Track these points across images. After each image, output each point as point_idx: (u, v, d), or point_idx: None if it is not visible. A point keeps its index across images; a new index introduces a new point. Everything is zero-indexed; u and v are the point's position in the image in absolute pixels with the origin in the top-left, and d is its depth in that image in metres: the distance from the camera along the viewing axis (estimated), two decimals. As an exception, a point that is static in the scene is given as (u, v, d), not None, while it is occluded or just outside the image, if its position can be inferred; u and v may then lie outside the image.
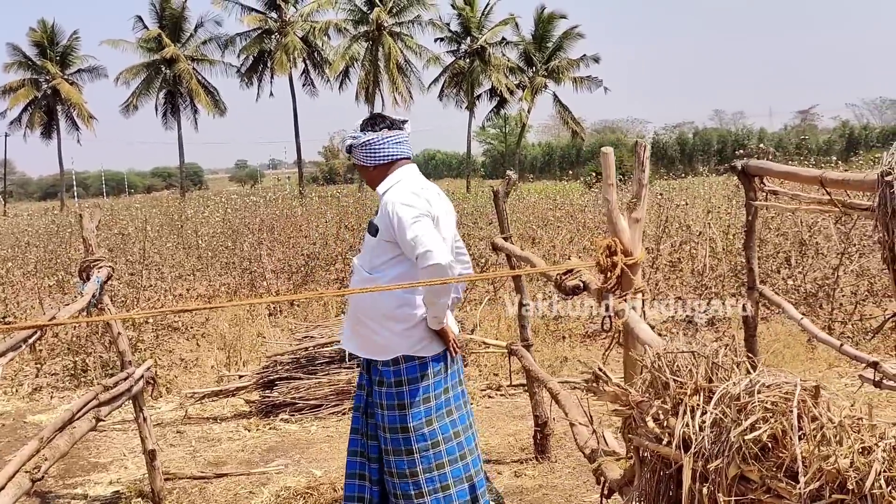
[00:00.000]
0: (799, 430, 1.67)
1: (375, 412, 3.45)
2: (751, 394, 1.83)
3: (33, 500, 4.99)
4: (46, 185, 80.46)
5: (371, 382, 3.48)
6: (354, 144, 3.48)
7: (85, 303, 4.25)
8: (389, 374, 3.39)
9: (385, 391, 3.39)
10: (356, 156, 3.51)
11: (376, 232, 3.42)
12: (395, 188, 3.44)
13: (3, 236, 17.80)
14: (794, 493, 1.61)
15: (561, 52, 46.87)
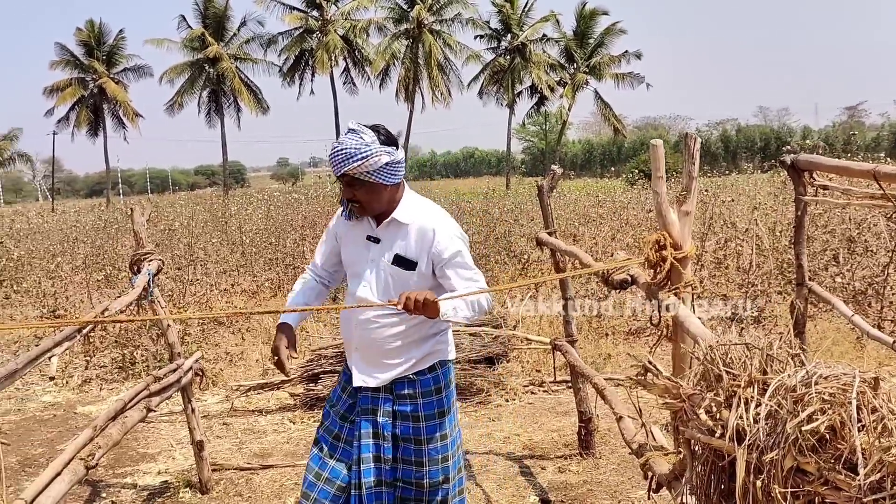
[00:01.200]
0: (858, 422, 1.65)
1: (405, 427, 3.12)
2: (808, 385, 1.81)
3: (85, 488, 5.09)
4: (92, 183, 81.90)
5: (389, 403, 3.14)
6: (391, 161, 2.97)
7: (136, 295, 4.33)
8: (429, 382, 3.16)
9: (424, 402, 3.14)
10: (380, 175, 2.94)
11: (413, 266, 3.04)
12: (429, 211, 3.10)
13: (52, 232, 18.13)
14: (853, 485, 1.60)
15: (602, 48, 46.54)
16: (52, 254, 13.76)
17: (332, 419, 3.22)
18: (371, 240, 3.09)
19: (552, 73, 46.75)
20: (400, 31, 45.13)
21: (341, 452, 3.16)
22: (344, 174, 2.92)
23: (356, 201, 3.02)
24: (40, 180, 72.60)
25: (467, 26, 45.98)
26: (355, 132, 2.94)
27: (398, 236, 3.06)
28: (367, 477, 3.09)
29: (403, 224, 3.05)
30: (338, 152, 2.91)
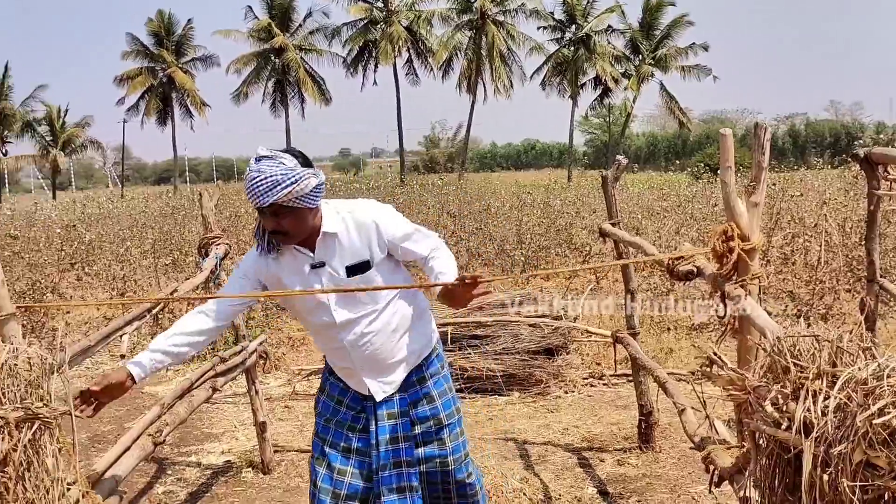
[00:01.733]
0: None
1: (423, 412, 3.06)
2: (879, 378, 1.78)
3: (151, 465, 5.23)
4: (160, 170, 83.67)
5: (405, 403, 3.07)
6: (319, 184, 2.76)
7: (204, 277, 4.44)
8: (434, 362, 3.15)
9: (434, 381, 3.11)
10: (308, 199, 2.73)
11: (368, 265, 2.91)
12: (347, 209, 2.94)
13: (121, 217, 18.60)
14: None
15: (669, 39, 45.82)
16: (121, 238, 14.12)
17: (336, 432, 3.06)
18: (315, 267, 2.89)
19: (617, 65, 46.21)
20: (463, 22, 45.07)
21: (356, 465, 3.03)
22: (271, 204, 2.66)
23: (281, 232, 2.78)
24: (110, 167, 74.41)
25: (531, 17, 45.70)
26: (271, 158, 2.70)
27: (335, 249, 2.89)
28: (390, 484, 3.01)
29: (334, 234, 2.87)
30: (261, 181, 2.65)
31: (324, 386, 3.15)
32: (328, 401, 3.11)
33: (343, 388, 3.07)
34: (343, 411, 3.07)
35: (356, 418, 3.05)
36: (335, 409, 3.08)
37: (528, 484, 4.53)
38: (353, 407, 3.06)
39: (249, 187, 2.68)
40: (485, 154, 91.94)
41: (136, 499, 4.71)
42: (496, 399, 6.25)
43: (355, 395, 3.05)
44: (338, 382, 3.09)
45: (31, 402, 2.38)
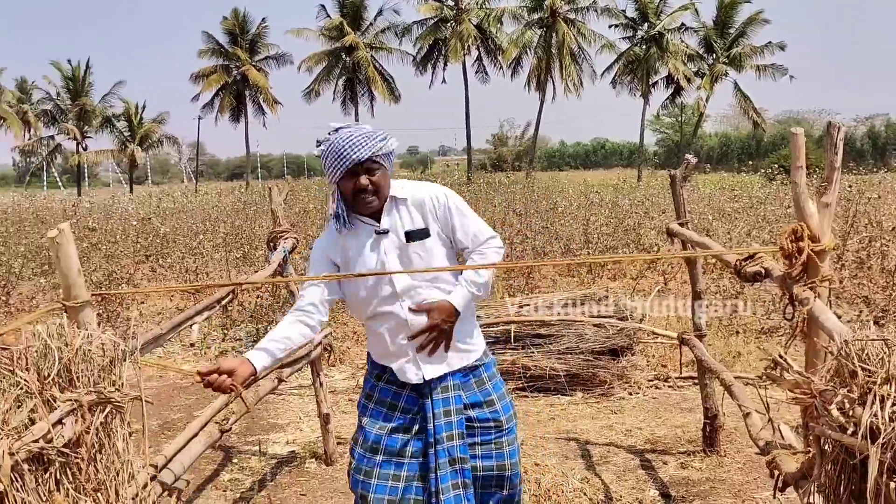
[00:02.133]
0: None
1: (483, 414, 3.06)
2: (951, 384, 1.73)
3: (218, 453, 5.35)
4: (233, 167, 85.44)
5: (459, 400, 3.06)
6: (394, 149, 2.95)
7: (272, 270, 4.53)
8: (490, 365, 3.17)
9: (493, 384, 3.12)
10: (390, 159, 2.92)
11: (427, 233, 2.97)
12: (412, 183, 3.08)
13: (195, 212, 19.01)
14: None
15: (743, 38, 44.85)
16: (194, 232, 14.43)
17: (391, 438, 3.02)
18: (380, 234, 2.96)
19: (689, 64, 45.45)
20: (534, 20, 44.87)
21: (409, 468, 3.02)
22: (367, 158, 2.81)
23: (372, 190, 2.88)
24: (185, 163, 76.24)
25: (602, 15, 45.28)
26: (349, 126, 2.89)
27: (399, 216, 2.97)
28: (446, 482, 2.99)
29: (401, 200, 2.98)
30: (357, 136, 2.82)
31: (371, 394, 3.11)
32: (379, 408, 3.07)
33: (395, 391, 3.05)
34: (398, 416, 3.04)
35: (413, 420, 3.03)
36: (388, 415, 3.05)
37: (588, 484, 4.50)
38: (409, 409, 3.04)
39: (344, 145, 2.80)
40: (553, 153, 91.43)
41: (202, 485, 4.82)
42: (559, 398, 6.22)
43: (410, 395, 3.03)
44: (389, 386, 3.06)
45: (103, 386, 2.46)
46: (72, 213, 14.74)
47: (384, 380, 3.07)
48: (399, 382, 3.04)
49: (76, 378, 2.40)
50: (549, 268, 11.61)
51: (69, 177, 56.32)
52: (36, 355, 2.27)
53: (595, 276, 11.22)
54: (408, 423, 3.03)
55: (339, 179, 2.86)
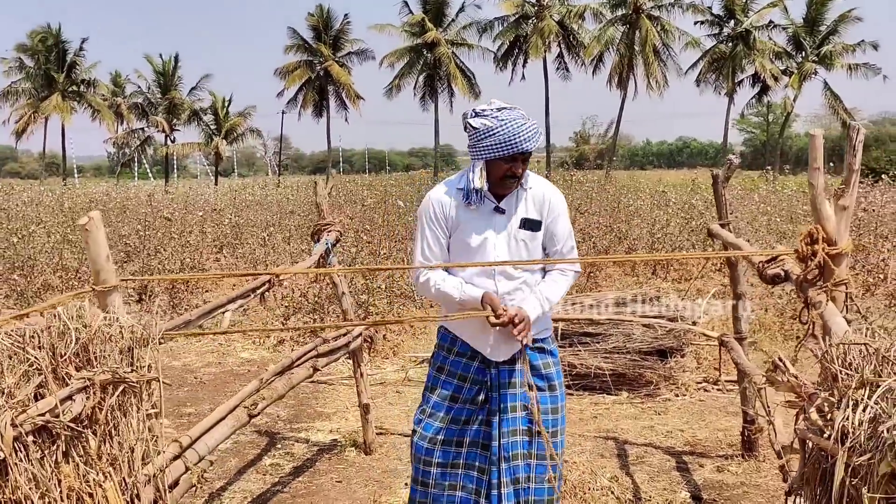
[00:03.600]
0: (955, 431, 1.55)
1: (543, 398, 3.22)
2: (911, 389, 1.72)
3: (263, 438, 5.53)
4: (317, 161, 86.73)
5: (521, 375, 3.22)
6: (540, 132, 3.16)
7: (313, 261, 4.65)
8: (555, 352, 3.35)
9: (556, 370, 3.30)
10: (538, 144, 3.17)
11: (539, 225, 3.22)
12: (538, 178, 3.31)
13: (272, 205, 19.44)
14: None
15: (835, 35, 43.42)
16: (266, 223, 14.79)
17: (457, 408, 3.24)
18: (497, 211, 3.17)
19: (777, 62, 44.22)
20: (616, 17, 44.33)
21: (473, 434, 3.24)
22: (526, 150, 3.04)
23: (520, 175, 3.11)
24: (270, 156, 77.83)
25: (688, 12, 44.42)
26: (512, 109, 3.08)
27: (520, 203, 3.19)
28: (508, 451, 3.18)
29: (525, 190, 3.20)
30: (528, 126, 3.04)
31: (443, 366, 3.31)
32: (450, 379, 3.27)
33: (466, 363, 3.24)
34: (467, 387, 3.23)
35: (480, 390, 3.23)
36: (459, 385, 3.25)
37: (617, 483, 4.50)
38: (478, 380, 3.22)
39: (518, 131, 3.01)
40: (636, 151, 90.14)
41: (244, 468, 4.99)
42: (604, 398, 6.20)
43: (479, 366, 3.22)
44: (460, 359, 3.26)
45: (121, 367, 2.59)
46: (150, 203, 15.21)
47: (454, 352, 3.28)
48: (470, 354, 3.25)
49: (94, 358, 2.54)
50: (615, 267, 11.53)
51: (159, 168, 58.15)
52: (53, 335, 2.42)
53: (658, 276, 11.09)
54: (475, 394, 3.24)
55: (496, 159, 3.07)
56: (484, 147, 3.05)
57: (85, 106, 49.78)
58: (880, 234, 10.42)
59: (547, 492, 3.26)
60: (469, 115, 3.13)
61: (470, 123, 3.08)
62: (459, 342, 3.26)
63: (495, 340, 3.18)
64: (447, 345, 3.31)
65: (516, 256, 3.16)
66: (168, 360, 7.67)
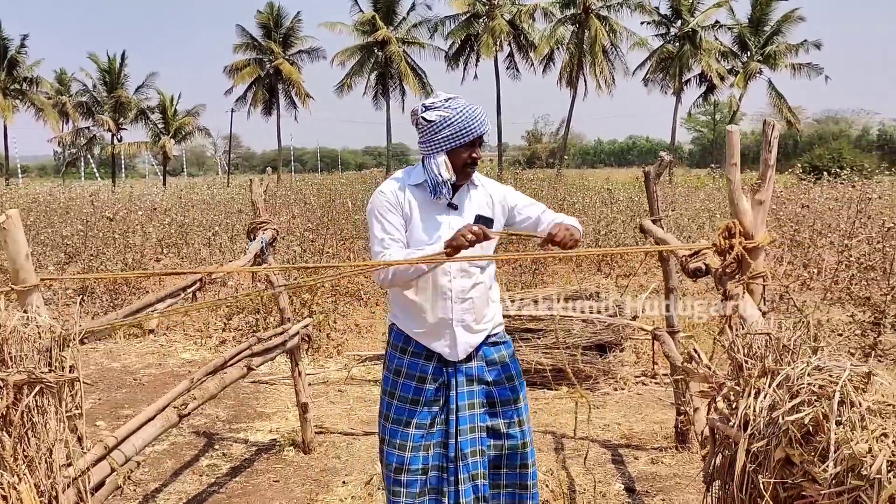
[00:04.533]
0: (840, 416, 1.60)
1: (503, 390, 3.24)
2: (802, 377, 1.77)
3: (202, 439, 5.48)
4: (268, 160, 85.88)
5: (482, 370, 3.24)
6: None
7: (247, 260, 4.62)
8: (510, 343, 3.37)
9: (511, 362, 3.31)
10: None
11: (492, 222, 3.22)
12: (487, 178, 3.39)
13: (219, 204, 19.24)
14: (822, 477, 1.55)
15: (779, 36, 44.26)
16: (213, 223, 14.63)
17: (422, 412, 3.19)
18: (451, 207, 3.17)
19: (723, 62, 44.95)
20: (566, 17, 44.67)
21: (437, 435, 3.20)
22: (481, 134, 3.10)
23: (477, 161, 3.14)
24: (220, 155, 76.96)
25: (635, 12, 44.93)
26: (456, 97, 3.12)
27: (472, 199, 3.21)
28: (466, 448, 3.17)
29: (479, 185, 3.25)
30: (480, 112, 3.09)
31: (400, 369, 3.24)
32: (408, 382, 3.22)
33: (423, 364, 3.20)
34: (427, 388, 3.19)
35: (438, 389, 3.20)
36: (417, 388, 3.20)
37: (553, 476, 4.55)
38: (437, 378, 3.19)
39: (474, 116, 3.06)
40: (588, 150, 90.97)
41: (181, 469, 4.94)
42: (544, 393, 6.27)
43: (437, 366, 3.19)
44: (417, 359, 3.22)
45: (38, 367, 2.55)
46: (93, 203, 14.94)
47: (409, 353, 3.23)
48: (426, 354, 3.21)
49: (10, 358, 2.51)
50: (561, 264, 11.63)
51: (106, 168, 57.13)
52: (-36, 335, 2.37)
53: (603, 273, 11.21)
54: (435, 395, 3.20)
55: (457, 147, 3.08)
56: (444, 138, 3.05)
57: (28, 104, 48.72)
58: (816, 229, 10.67)
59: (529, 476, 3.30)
60: (420, 110, 3.12)
61: (424, 118, 3.07)
62: (414, 342, 3.21)
63: (451, 340, 3.17)
64: (401, 344, 3.25)
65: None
66: (107, 361, 7.56)
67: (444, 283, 3.14)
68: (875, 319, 7.44)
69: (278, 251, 9.76)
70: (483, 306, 3.22)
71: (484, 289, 3.22)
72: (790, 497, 1.74)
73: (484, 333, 3.23)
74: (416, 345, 3.21)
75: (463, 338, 3.16)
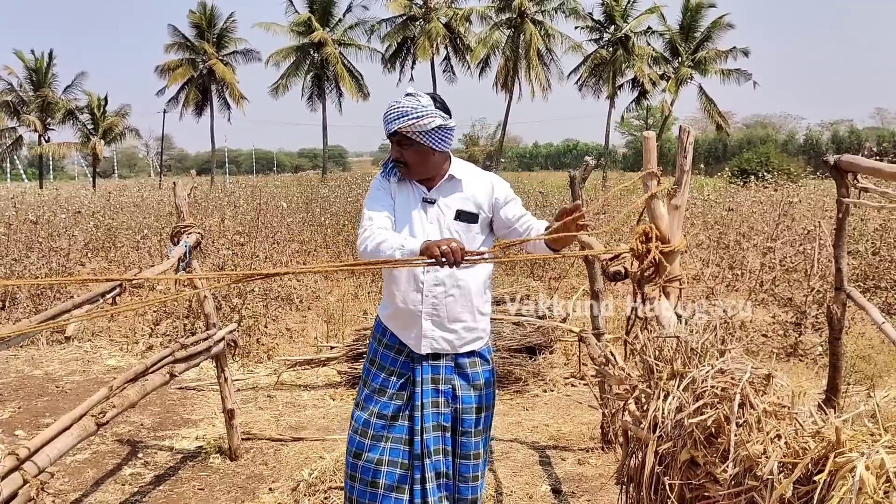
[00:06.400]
0: (739, 418, 1.64)
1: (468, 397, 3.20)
2: (706, 380, 1.81)
3: (125, 447, 5.36)
4: (202, 161, 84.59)
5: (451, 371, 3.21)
6: (443, 125, 3.06)
7: (170, 265, 4.53)
8: (486, 352, 3.31)
9: (483, 370, 3.26)
10: (431, 138, 3.04)
11: (476, 218, 3.17)
12: (475, 170, 3.28)
13: (150, 208, 18.88)
14: (723, 477, 1.59)
15: (708, 42, 45.21)
16: (142, 226, 14.34)
17: (384, 403, 3.20)
18: (427, 202, 3.16)
19: (655, 67, 45.77)
20: (502, 21, 45.00)
21: (398, 430, 3.19)
22: (395, 132, 3.03)
23: (401, 162, 3.11)
24: (153, 157, 75.55)
25: (570, 17, 45.48)
26: (413, 95, 3.06)
27: (454, 193, 3.18)
28: (429, 446, 3.16)
29: (459, 180, 3.19)
30: (393, 110, 3.02)
31: (374, 358, 3.30)
32: (378, 372, 3.25)
33: (394, 356, 3.23)
34: (393, 381, 3.21)
35: (405, 385, 3.20)
36: (385, 379, 3.22)
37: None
38: (404, 374, 3.20)
39: (384, 115, 3.06)
40: (525, 153, 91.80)
41: (102, 479, 4.82)
42: (474, 395, 6.28)
43: (405, 360, 3.20)
44: (388, 351, 3.24)
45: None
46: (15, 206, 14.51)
47: (384, 344, 3.26)
48: (397, 347, 3.22)
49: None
50: (496, 268, 11.67)
51: (34, 170, 55.57)
52: None
53: (535, 276, 11.30)
54: (400, 388, 3.21)
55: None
56: None
57: (-54, 102, 47.14)
58: (741, 232, 10.91)
59: (471, 491, 3.25)
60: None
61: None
62: (389, 333, 3.25)
63: (417, 332, 3.17)
64: (378, 335, 3.30)
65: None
66: (28, 368, 7.34)
67: (417, 273, 3.15)
68: (796, 320, 7.66)
69: (207, 255, 9.63)
70: (460, 307, 3.17)
71: (464, 290, 3.16)
72: (695, 497, 1.78)
73: (457, 337, 3.18)
74: (391, 336, 3.25)
75: (430, 332, 3.15)
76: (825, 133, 67.00)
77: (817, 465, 1.31)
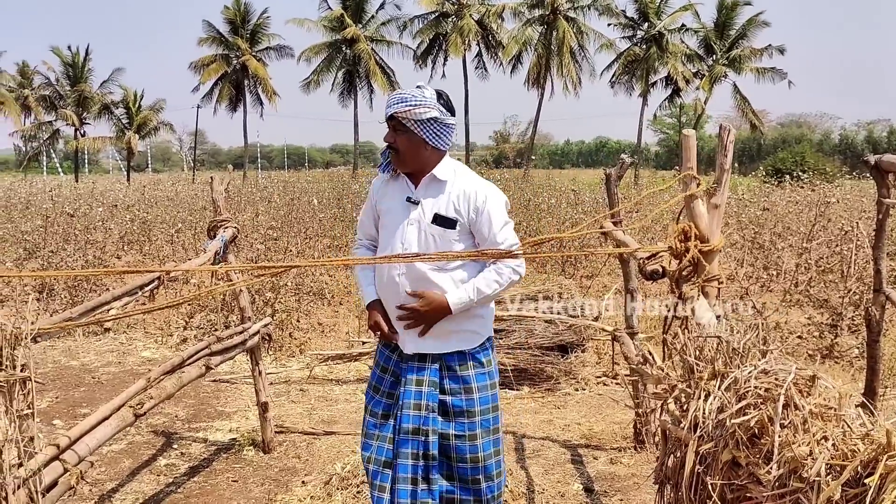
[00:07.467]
0: (784, 419, 1.62)
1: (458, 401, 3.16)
2: (749, 380, 1.79)
3: (160, 438, 5.43)
4: (234, 156, 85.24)
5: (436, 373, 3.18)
6: (438, 118, 3.07)
7: (207, 258, 4.57)
8: (480, 354, 3.23)
9: (476, 373, 3.19)
10: (425, 129, 3.07)
11: (453, 224, 3.11)
12: (467, 175, 3.20)
13: (184, 202, 19.06)
14: (766, 479, 1.57)
15: (743, 40, 44.71)
16: (176, 220, 14.48)
17: (376, 401, 3.28)
18: (410, 202, 3.16)
19: (689, 65, 45.36)
20: (534, 17, 44.83)
21: (385, 429, 3.23)
22: (391, 116, 3.06)
23: (393, 147, 3.13)
24: (186, 151, 76.23)
25: (603, 14, 45.21)
26: (420, 88, 3.11)
27: (436, 196, 3.15)
28: (405, 448, 3.14)
29: (442, 181, 3.15)
30: (394, 95, 3.10)
31: (377, 358, 3.37)
32: (375, 370, 3.35)
33: (388, 354, 3.29)
34: (386, 378, 3.28)
35: (395, 385, 3.24)
36: (380, 377, 3.30)
37: (512, 476, 4.56)
38: (395, 373, 3.25)
39: (390, 98, 3.12)
40: (556, 150, 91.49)
41: (138, 469, 4.88)
42: (506, 393, 6.28)
43: (396, 359, 3.24)
44: (384, 349, 3.31)
45: (-14, 366, 2.51)
46: (53, 199, 14.73)
47: (381, 343, 3.34)
48: (392, 346, 3.27)
49: (-43, 357, 2.46)
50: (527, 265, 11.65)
51: (70, 163, 56.30)
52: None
53: (567, 274, 11.26)
54: (392, 388, 3.26)
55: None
56: None
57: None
58: (776, 232, 10.80)
59: (473, 493, 3.20)
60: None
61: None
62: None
63: (402, 333, 3.19)
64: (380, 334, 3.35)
65: (424, 250, 3.09)
66: (65, 359, 7.46)
67: (393, 275, 3.15)
68: (832, 321, 7.56)
69: (241, 249, 9.70)
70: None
71: (441, 290, 3.11)
72: (737, 498, 1.77)
73: (440, 338, 3.15)
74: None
75: (411, 331, 3.15)
76: (860, 133, 66.06)
77: (867, 468, 1.29)
